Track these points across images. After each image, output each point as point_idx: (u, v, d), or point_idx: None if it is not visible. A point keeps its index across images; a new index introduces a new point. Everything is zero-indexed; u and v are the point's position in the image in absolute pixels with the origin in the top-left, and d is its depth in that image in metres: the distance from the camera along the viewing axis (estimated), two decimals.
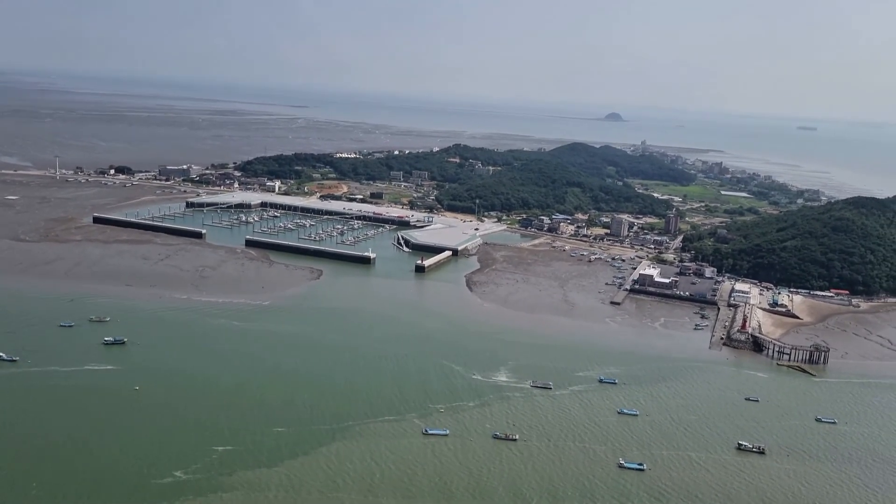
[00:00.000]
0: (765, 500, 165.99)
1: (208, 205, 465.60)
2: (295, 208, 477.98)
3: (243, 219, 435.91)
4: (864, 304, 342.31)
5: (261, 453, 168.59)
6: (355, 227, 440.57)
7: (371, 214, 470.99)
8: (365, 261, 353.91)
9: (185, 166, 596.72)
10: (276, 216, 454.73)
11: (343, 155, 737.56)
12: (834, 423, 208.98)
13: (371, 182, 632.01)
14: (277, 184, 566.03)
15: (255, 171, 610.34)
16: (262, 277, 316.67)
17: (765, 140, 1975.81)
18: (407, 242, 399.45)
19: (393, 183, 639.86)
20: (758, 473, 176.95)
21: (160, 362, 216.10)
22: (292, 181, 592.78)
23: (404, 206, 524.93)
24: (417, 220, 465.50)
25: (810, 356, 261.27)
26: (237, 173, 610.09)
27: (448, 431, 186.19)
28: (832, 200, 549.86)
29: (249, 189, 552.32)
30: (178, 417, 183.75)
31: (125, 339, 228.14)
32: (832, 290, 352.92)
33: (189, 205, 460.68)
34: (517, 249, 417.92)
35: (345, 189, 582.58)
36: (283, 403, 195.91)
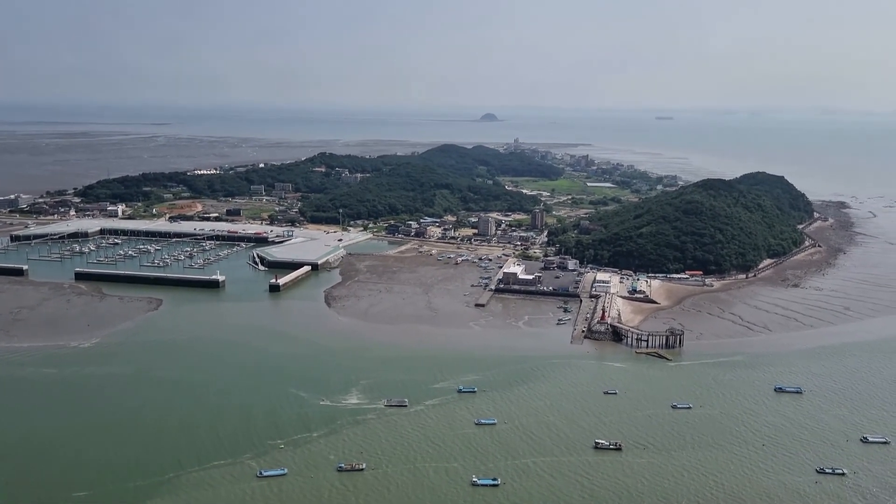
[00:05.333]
0: (623, 497, 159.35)
1: (36, 237, 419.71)
2: (139, 233, 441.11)
3: (77, 249, 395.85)
4: (716, 283, 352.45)
5: None
6: (207, 248, 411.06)
7: (225, 233, 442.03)
8: (212, 284, 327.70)
9: (12, 196, 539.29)
10: (116, 243, 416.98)
11: (200, 172, 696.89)
12: (689, 407, 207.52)
13: (230, 198, 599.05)
14: (121, 208, 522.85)
15: (98, 195, 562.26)
16: (90, 314, 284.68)
17: (628, 131, 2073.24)
18: (263, 260, 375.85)
19: (254, 198, 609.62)
20: (615, 471, 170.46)
21: None
22: (139, 204, 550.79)
23: (264, 222, 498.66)
24: (277, 236, 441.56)
25: (667, 341, 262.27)
26: (76, 199, 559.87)
27: (286, 470, 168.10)
28: (687, 184, 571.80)
29: (88, 216, 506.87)
30: None
31: None
32: (687, 272, 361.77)
33: (14, 238, 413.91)
34: (382, 258, 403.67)
35: (199, 208, 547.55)
36: (93, 461, 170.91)
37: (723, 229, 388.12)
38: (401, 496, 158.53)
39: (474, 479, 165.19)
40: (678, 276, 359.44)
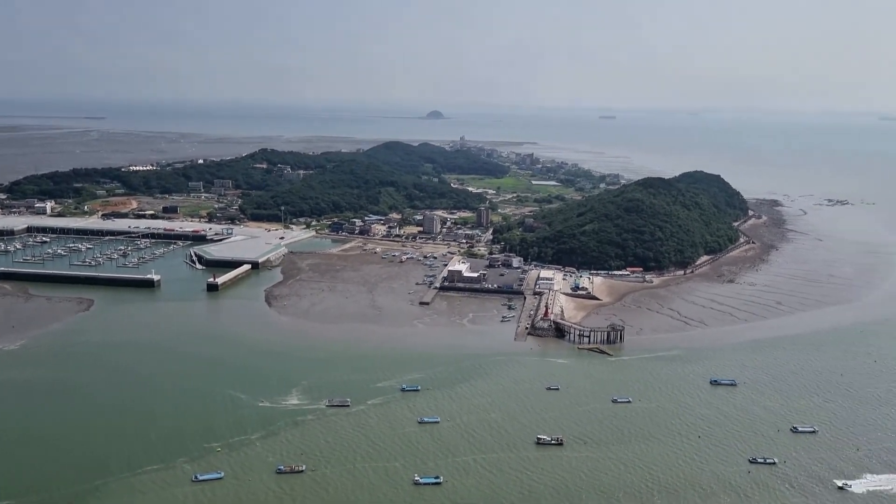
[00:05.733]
0: (562, 492, 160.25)
1: None
2: (69, 231, 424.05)
3: (2, 248, 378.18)
4: (656, 280, 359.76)
5: None
6: (142, 246, 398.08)
7: (161, 231, 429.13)
8: (147, 284, 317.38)
9: None
10: (44, 241, 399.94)
11: (136, 168, 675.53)
12: (629, 401, 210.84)
13: (167, 195, 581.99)
14: (50, 205, 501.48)
15: (25, 192, 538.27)
16: (16, 315, 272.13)
17: (572, 129, 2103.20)
18: (200, 259, 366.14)
19: (192, 195, 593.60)
20: (556, 466, 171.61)
21: None
22: (70, 200, 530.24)
23: (202, 220, 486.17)
24: (216, 234, 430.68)
25: (608, 336, 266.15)
26: (1, 196, 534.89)
27: (223, 474, 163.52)
28: (629, 183, 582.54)
29: (14, 213, 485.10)
30: None
31: None
32: (628, 269, 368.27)
33: None
34: (325, 256, 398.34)
35: (133, 205, 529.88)
36: (15, 469, 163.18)
37: (662, 227, 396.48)
38: (341, 497, 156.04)
39: (416, 478, 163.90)
40: (619, 272, 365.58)
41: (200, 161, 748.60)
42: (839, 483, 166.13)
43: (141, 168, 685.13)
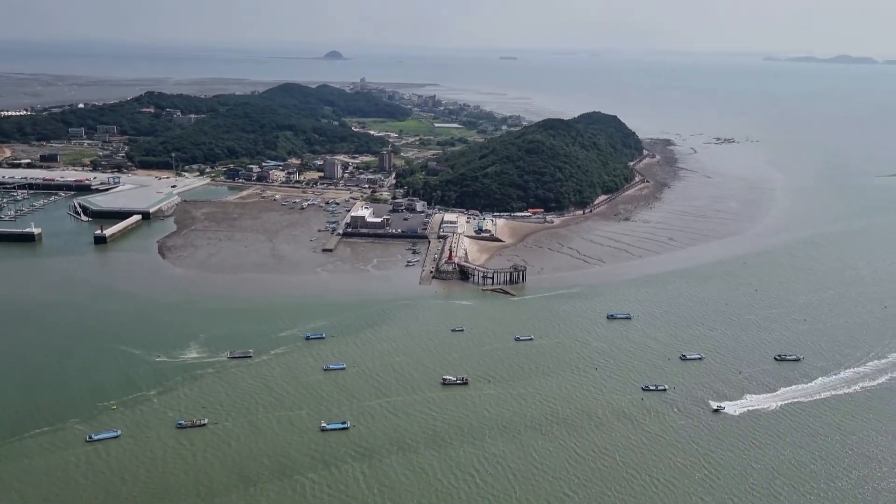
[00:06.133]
0: (466, 430, 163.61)
1: None
2: None
3: None
4: (556, 220, 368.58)
5: None
6: (19, 198, 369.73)
7: (40, 181, 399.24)
8: (27, 238, 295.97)
9: None
10: None
11: (8, 113, 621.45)
12: (531, 339, 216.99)
13: (44, 143, 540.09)
14: None
15: None
16: None
17: (473, 70, 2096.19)
18: (86, 210, 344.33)
19: (73, 142, 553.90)
20: (462, 405, 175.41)
21: None
22: None
23: (85, 168, 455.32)
24: (101, 183, 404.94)
25: (510, 277, 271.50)
26: None
27: (119, 432, 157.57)
28: (530, 124, 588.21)
29: None
30: None
31: None
32: (530, 210, 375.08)
33: None
34: (221, 204, 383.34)
35: (7, 153, 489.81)
36: None
37: (562, 168, 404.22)
38: (247, 449, 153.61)
39: (323, 425, 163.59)
40: (521, 214, 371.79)
41: (81, 105, 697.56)
42: (714, 406, 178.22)
43: (14, 113, 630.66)
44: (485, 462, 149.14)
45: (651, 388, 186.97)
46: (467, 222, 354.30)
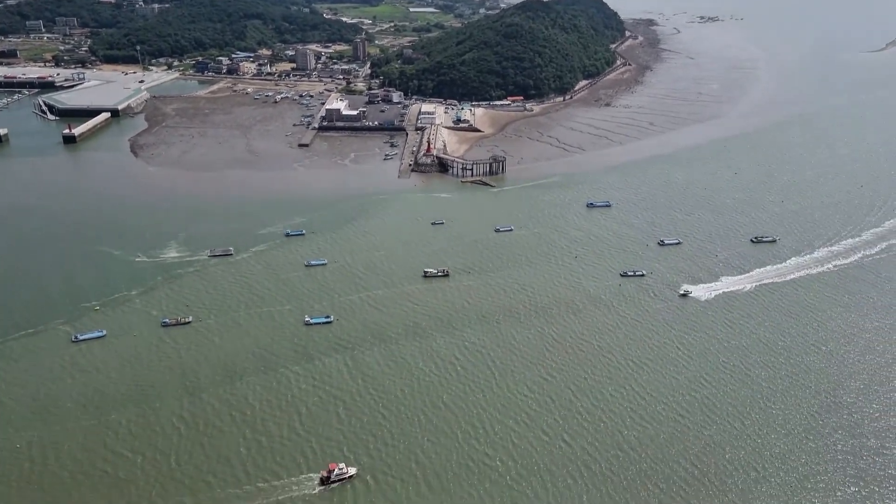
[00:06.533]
0: (446, 320, 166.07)
1: None
2: None
3: None
4: (536, 108, 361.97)
5: None
6: None
7: (2, 79, 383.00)
8: None
9: None
10: None
11: None
12: (511, 230, 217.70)
13: (1, 38, 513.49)
14: None
15: None
16: None
17: None
18: (51, 109, 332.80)
19: (32, 36, 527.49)
20: (443, 297, 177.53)
21: None
22: None
23: (47, 64, 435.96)
24: (65, 80, 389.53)
25: (490, 168, 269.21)
26: None
27: (105, 332, 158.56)
28: (508, 7, 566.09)
29: None
30: None
31: None
32: (509, 98, 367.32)
33: None
34: (192, 99, 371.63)
35: None
36: None
37: (541, 52, 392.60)
38: (232, 344, 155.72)
39: (307, 319, 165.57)
40: (501, 102, 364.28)
41: None
42: (682, 290, 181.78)
43: None
44: (465, 351, 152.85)
45: (629, 273, 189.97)
46: (445, 112, 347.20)
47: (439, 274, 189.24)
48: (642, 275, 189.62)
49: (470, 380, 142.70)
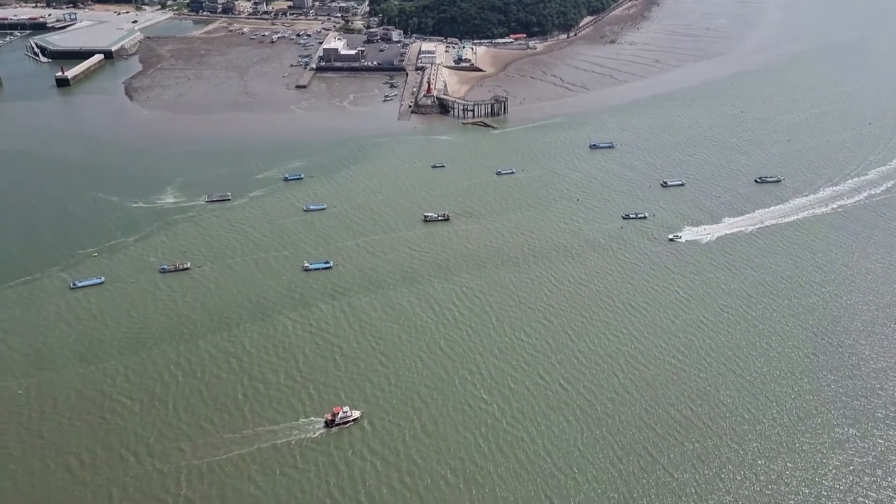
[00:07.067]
0: (444, 266, 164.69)
1: None
2: None
3: None
4: (540, 46, 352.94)
5: None
6: None
7: None
8: None
9: None
10: None
11: None
12: (512, 172, 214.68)
13: None
14: None
15: None
16: None
17: None
18: (44, 51, 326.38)
19: None
20: (443, 241, 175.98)
21: None
22: None
23: (38, 4, 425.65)
24: (57, 21, 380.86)
25: (492, 109, 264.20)
26: None
27: (103, 279, 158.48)
28: None
29: None
30: None
31: None
32: (511, 36, 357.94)
33: None
34: (187, 40, 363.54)
35: None
36: None
37: None
38: (231, 290, 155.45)
39: (306, 265, 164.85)
40: (503, 40, 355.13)
41: None
42: (682, 233, 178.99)
43: None
44: (463, 297, 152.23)
45: (631, 216, 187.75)
46: (446, 51, 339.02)
47: (439, 218, 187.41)
48: (644, 217, 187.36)
49: (468, 325, 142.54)
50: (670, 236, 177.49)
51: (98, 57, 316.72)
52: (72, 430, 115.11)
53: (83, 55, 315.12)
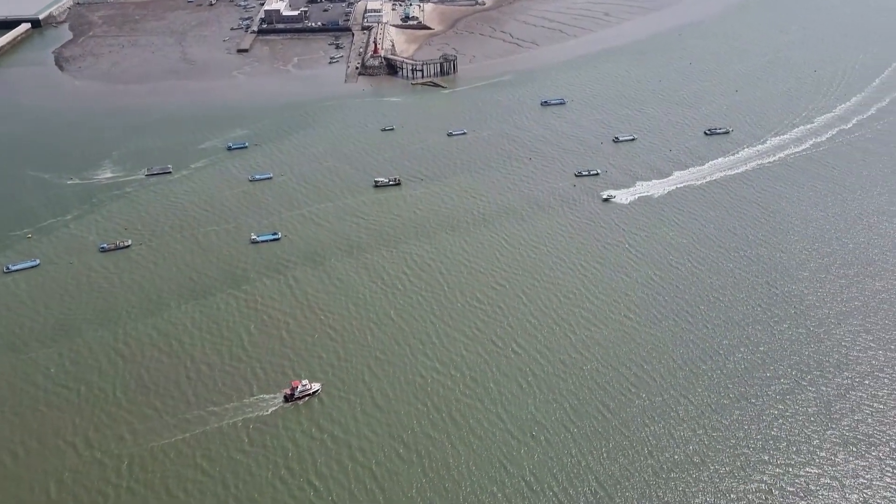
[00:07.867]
0: (399, 230, 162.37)
1: None
2: None
3: None
4: (489, 1, 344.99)
5: None
6: None
7: None
8: None
9: None
10: None
11: None
12: (464, 133, 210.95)
13: None
14: None
15: None
16: None
17: None
18: None
19: None
20: (394, 207, 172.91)
21: None
22: None
23: None
24: None
25: (441, 68, 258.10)
26: None
27: (38, 261, 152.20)
28: None
29: None
30: None
31: None
32: None
33: None
34: (120, 6, 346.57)
35: None
36: None
37: None
38: (173, 268, 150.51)
39: (253, 237, 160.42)
40: None
41: None
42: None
43: None
44: (413, 265, 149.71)
45: (584, 173, 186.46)
46: (393, 9, 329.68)
47: (390, 183, 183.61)
48: (597, 174, 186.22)
49: (419, 293, 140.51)
50: (611, 193, 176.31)
51: (25, 26, 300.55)
52: (4, 424, 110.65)
53: (8, 25, 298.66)
